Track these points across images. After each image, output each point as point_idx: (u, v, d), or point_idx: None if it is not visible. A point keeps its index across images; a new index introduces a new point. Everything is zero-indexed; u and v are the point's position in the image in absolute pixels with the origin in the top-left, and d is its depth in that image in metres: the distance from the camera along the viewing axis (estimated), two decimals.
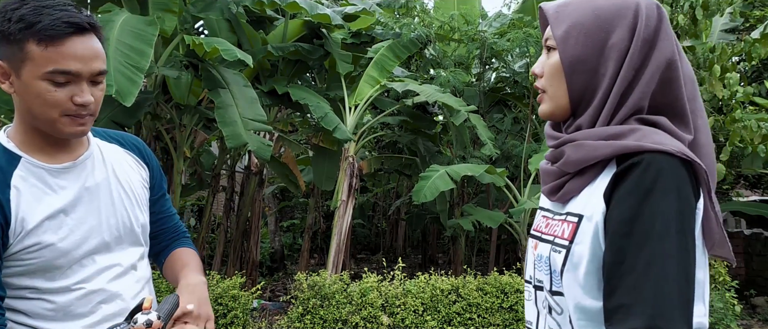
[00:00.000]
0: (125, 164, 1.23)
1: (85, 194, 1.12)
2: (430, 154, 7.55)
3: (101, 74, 1.07)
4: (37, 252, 1.04)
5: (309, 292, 4.56)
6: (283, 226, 10.62)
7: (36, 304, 1.06)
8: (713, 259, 5.17)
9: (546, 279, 0.92)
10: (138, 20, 4.27)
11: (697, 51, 4.99)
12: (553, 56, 0.93)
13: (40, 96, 1.01)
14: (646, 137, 0.84)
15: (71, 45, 1.01)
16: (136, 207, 1.21)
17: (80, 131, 1.07)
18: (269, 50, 5.78)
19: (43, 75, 1.00)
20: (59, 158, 1.10)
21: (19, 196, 1.03)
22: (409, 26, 6.48)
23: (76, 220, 1.09)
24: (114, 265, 1.15)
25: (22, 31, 0.98)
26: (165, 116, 5.69)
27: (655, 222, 0.78)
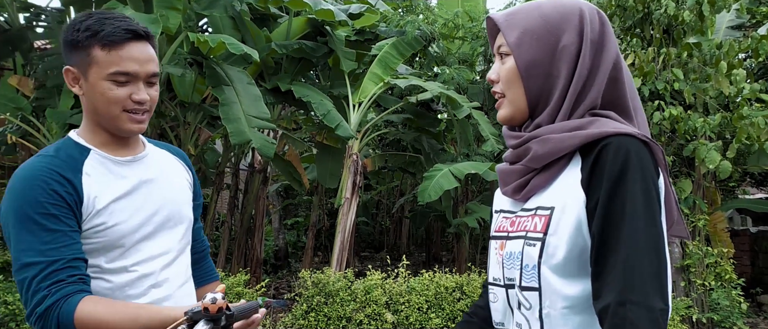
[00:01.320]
0: (174, 167, 1.38)
1: (143, 186, 1.26)
2: (433, 152, 7.54)
3: (155, 76, 1.22)
4: (103, 231, 1.17)
5: (313, 290, 4.56)
6: (287, 224, 10.63)
7: (96, 283, 1.17)
8: (719, 257, 5.14)
9: (517, 275, 0.93)
10: (141, 18, 4.27)
11: (703, 48, 4.96)
12: (508, 62, 0.97)
13: (104, 95, 1.16)
14: (606, 124, 0.89)
15: (129, 49, 1.17)
16: (184, 203, 1.35)
17: (138, 128, 1.22)
18: (273, 48, 5.78)
19: (106, 76, 1.16)
20: (121, 153, 1.25)
21: (90, 180, 1.18)
22: (413, 24, 6.47)
23: (136, 206, 1.23)
24: (166, 252, 1.27)
25: (88, 38, 1.15)
26: (169, 113, 5.70)
27: (627, 201, 0.82)
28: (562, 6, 0.95)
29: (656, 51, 4.94)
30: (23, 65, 5.86)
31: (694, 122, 4.70)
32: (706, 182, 5.47)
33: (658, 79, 4.95)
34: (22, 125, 5.17)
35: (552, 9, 0.95)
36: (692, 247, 5.06)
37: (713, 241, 5.50)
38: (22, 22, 5.66)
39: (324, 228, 9.63)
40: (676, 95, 5.07)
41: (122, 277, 1.19)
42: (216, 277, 1.54)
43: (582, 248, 0.87)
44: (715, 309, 5.01)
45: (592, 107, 0.93)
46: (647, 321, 0.77)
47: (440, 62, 7.48)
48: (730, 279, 5.05)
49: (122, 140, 1.25)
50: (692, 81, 4.90)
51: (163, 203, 1.28)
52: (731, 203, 6.64)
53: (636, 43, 5.09)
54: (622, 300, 0.79)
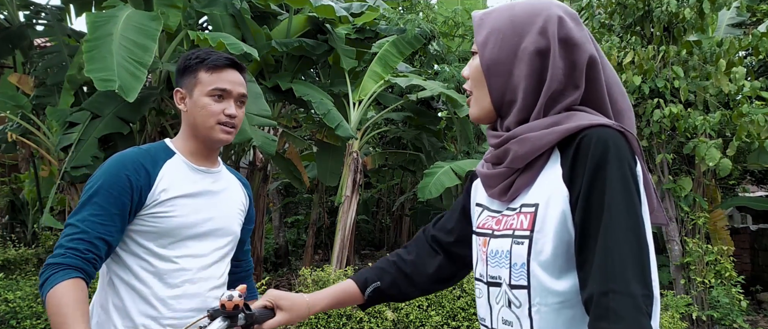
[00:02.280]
0: (236, 189, 1.59)
1: (208, 194, 1.48)
2: (434, 150, 7.54)
3: (244, 97, 1.49)
4: (161, 218, 1.38)
5: (314, 287, 4.56)
6: (287, 222, 10.64)
7: (141, 264, 1.38)
8: (719, 255, 5.14)
9: (505, 273, 0.94)
10: (142, 16, 4.27)
11: (703, 45, 4.95)
12: (475, 60, 0.98)
13: (204, 108, 1.43)
14: (582, 118, 0.90)
15: (227, 74, 1.45)
16: (235, 221, 1.55)
17: (226, 138, 1.45)
18: (273, 46, 5.77)
19: (207, 92, 1.43)
20: (201, 164, 1.49)
21: (165, 174, 1.41)
22: (414, 22, 6.46)
23: (195, 208, 1.43)
24: (207, 255, 1.45)
25: (197, 64, 1.45)
26: (170, 111, 5.70)
27: (606, 191, 0.83)
28: (532, 7, 0.95)
29: (656, 49, 4.93)
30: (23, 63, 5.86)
31: (694, 120, 4.70)
32: (706, 180, 5.47)
33: (658, 77, 4.95)
34: (22, 123, 5.17)
35: (521, 10, 0.96)
36: (692, 245, 5.07)
37: (713, 239, 5.50)
38: (22, 20, 5.66)
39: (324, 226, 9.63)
40: (676, 92, 5.06)
41: (165, 265, 1.38)
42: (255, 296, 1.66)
43: (568, 243, 0.88)
44: (715, 306, 5.02)
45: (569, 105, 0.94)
46: (630, 309, 0.78)
47: (440, 60, 7.48)
48: (730, 276, 5.06)
49: (206, 153, 1.50)
50: (692, 79, 4.90)
51: (219, 214, 1.48)
52: (731, 201, 6.65)
53: (636, 41, 5.09)
54: (604, 289, 0.80)
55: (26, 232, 7.24)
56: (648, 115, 4.98)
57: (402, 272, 1.22)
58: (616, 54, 4.92)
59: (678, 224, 5.27)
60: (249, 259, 1.71)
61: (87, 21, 4.09)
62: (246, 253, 1.69)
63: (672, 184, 5.18)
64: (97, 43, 3.85)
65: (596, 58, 0.94)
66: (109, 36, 3.90)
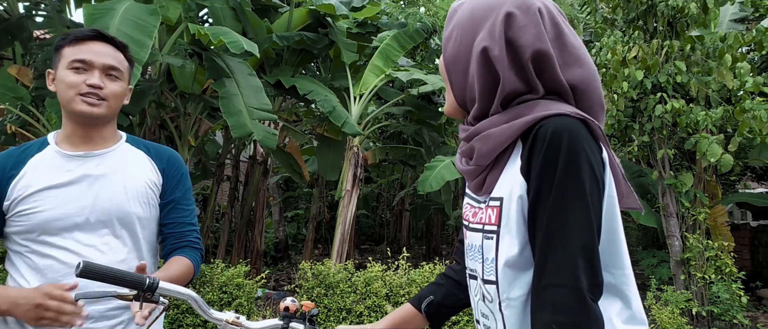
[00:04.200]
0: (139, 165, 1.46)
1: (84, 180, 1.36)
2: (434, 144, 7.52)
3: (114, 69, 1.38)
4: (26, 216, 1.31)
5: (313, 281, 4.56)
6: (288, 216, 10.63)
7: (23, 260, 1.33)
8: (720, 251, 5.14)
9: (479, 267, 0.93)
10: (140, 9, 4.23)
11: (705, 41, 4.93)
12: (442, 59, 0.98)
13: (63, 80, 1.34)
14: (543, 107, 0.88)
15: (91, 45, 1.37)
16: (130, 201, 1.40)
17: (89, 111, 1.34)
18: (274, 40, 5.75)
19: (67, 65, 1.35)
20: (79, 148, 1.39)
21: (28, 169, 1.34)
22: (415, 16, 6.43)
23: (69, 197, 1.33)
24: (92, 244, 1.35)
25: (62, 40, 1.37)
26: (169, 104, 5.68)
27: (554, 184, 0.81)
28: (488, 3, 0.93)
29: (660, 44, 4.91)
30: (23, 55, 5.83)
31: (696, 115, 4.68)
32: (707, 176, 5.46)
33: (661, 72, 4.93)
34: (22, 114, 5.15)
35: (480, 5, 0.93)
36: (693, 240, 5.06)
37: (713, 235, 5.50)
38: (22, 11, 5.63)
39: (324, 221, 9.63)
40: (678, 88, 5.04)
41: (44, 261, 1.31)
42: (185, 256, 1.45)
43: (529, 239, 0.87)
44: (715, 302, 5.02)
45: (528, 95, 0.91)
46: (570, 301, 0.77)
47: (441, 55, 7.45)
48: (731, 272, 5.05)
49: (85, 134, 1.39)
50: (695, 74, 4.87)
51: (105, 199, 1.37)
52: (732, 197, 6.64)
53: (638, 36, 5.06)
54: (545, 283, 0.79)
55: None
56: (650, 110, 4.97)
57: (453, 281, 1.21)
58: (619, 48, 4.90)
59: (678, 220, 5.26)
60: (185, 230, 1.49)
61: (84, 14, 4.05)
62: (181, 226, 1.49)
63: (673, 180, 5.17)
64: None
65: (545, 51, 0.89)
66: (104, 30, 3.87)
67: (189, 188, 1.55)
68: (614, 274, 0.88)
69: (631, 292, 0.89)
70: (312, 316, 1.10)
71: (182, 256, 1.46)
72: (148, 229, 1.45)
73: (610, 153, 0.90)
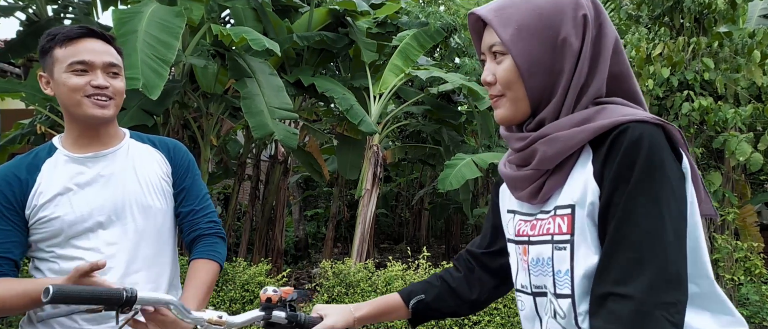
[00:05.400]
0: (149, 159, 1.46)
1: (99, 180, 1.37)
2: (454, 143, 7.49)
3: (114, 66, 1.34)
4: (49, 222, 1.31)
5: (334, 280, 4.58)
6: (307, 215, 10.70)
7: (50, 265, 1.34)
8: (749, 252, 5.02)
9: (549, 281, 0.89)
10: (166, 11, 4.30)
11: (734, 37, 4.81)
12: (505, 61, 0.90)
13: (65, 85, 1.30)
14: (615, 112, 0.84)
15: (84, 43, 1.31)
16: (147, 194, 1.42)
17: (101, 113, 1.32)
18: (294, 39, 5.78)
19: (65, 69, 1.30)
20: (87, 150, 1.38)
21: (43, 177, 1.34)
22: (435, 15, 6.40)
23: (83, 199, 1.34)
24: (115, 242, 1.36)
25: (49, 42, 1.32)
26: (192, 104, 5.75)
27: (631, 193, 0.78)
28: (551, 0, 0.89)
29: (686, 40, 4.81)
30: None
31: (724, 113, 4.57)
32: (735, 175, 5.33)
33: (688, 69, 4.82)
34: (51, 115, 5.27)
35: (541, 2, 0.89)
36: (721, 241, 4.95)
37: (742, 235, 5.37)
38: (50, 14, 5.76)
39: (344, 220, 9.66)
40: (705, 85, 4.93)
41: (70, 263, 1.29)
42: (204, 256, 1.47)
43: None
44: (744, 304, 4.90)
45: (597, 96, 0.89)
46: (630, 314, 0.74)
47: (461, 53, 7.41)
48: (760, 274, 4.93)
49: (92, 135, 1.37)
50: (723, 71, 4.76)
51: (122, 196, 1.38)
52: (761, 197, 6.47)
53: (664, 33, 4.96)
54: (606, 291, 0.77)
55: None
56: (676, 108, 4.87)
57: (448, 286, 1.18)
58: (644, 46, 4.81)
59: (706, 220, 5.16)
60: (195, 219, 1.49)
61: (113, 17, 4.14)
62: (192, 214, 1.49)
63: None
64: (123, 39, 3.89)
65: (621, 44, 0.90)
66: (133, 33, 3.94)
67: (198, 174, 1.56)
68: (699, 284, 0.85)
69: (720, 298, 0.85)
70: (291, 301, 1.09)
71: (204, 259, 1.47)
72: (167, 220, 1.47)
73: (690, 159, 0.86)
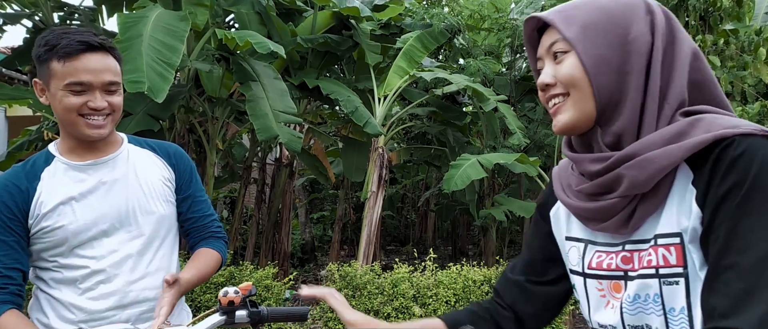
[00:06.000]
0: (150, 164, 1.43)
1: (101, 187, 1.35)
2: (459, 145, 7.48)
3: (113, 84, 1.29)
4: (50, 232, 1.29)
5: (340, 283, 4.58)
6: (313, 218, 10.71)
7: (52, 274, 1.32)
8: None
9: (657, 321, 0.80)
10: (170, 16, 4.33)
11: (740, 34, 4.79)
12: (568, 60, 0.83)
13: (61, 103, 1.26)
14: (715, 123, 0.75)
15: (84, 60, 1.24)
16: (150, 200, 1.40)
17: (96, 133, 1.29)
18: (299, 42, 5.80)
19: (63, 87, 1.25)
20: (86, 157, 1.35)
21: (43, 186, 1.31)
22: (439, 16, 6.40)
23: (86, 207, 1.32)
24: (118, 250, 1.35)
25: (47, 52, 1.24)
26: (198, 108, 5.78)
27: (745, 219, 0.70)
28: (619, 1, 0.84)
29: (692, 38, 4.79)
30: None
31: None
32: None
33: None
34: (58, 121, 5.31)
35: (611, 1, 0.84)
36: None
37: None
38: (57, 20, 5.80)
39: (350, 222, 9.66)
40: None
41: (74, 272, 1.31)
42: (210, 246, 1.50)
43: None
44: None
45: (680, 105, 0.80)
46: None
47: (466, 54, 7.41)
48: None
49: (89, 145, 1.35)
50: (730, 69, 4.74)
51: (122, 203, 1.36)
52: None
53: None
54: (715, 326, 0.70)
55: None
56: None
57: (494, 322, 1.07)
58: None
59: None
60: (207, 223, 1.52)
61: (118, 22, 4.17)
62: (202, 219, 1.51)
63: None
64: (128, 44, 3.92)
65: (698, 49, 0.83)
66: (139, 37, 3.96)
67: (199, 179, 1.55)
68: None
69: None
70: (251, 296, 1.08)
71: (208, 247, 1.49)
72: (170, 225, 1.45)
73: None
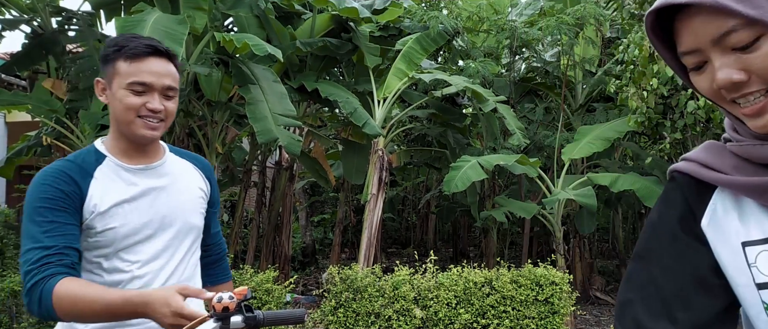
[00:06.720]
0: (190, 177, 1.48)
1: (151, 193, 1.37)
2: (459, 146, 7.48)
3: (171, 89, 1.35)
4: (101, 232, 1.29)
5: (341, 285, 4.57)
6: (314, 221, 10.70)
7: (92, 277, 1.31)
8: None
9: None
10: (169, 19, 4.33)
11: None
12: (763, 43, 0.64)
13: (122, 101, 1.30)
14: None
15: (148, 63, 1.31)
16: (192, 212, 1.44)
17: (150, 134, 1.33)
18: (298, 46, 5.80)
19: (125, 85, 1.30)
20: (137, 161, 1.38)
21: (97, 184, 1.31)
22: (437, 18, 6.41)
23: (138, 211, 1.34)
24: (161, 257, 1.36)
25: (115, 52, 1.31)
26: (197, 112, 5.78)
27: None
28: None
29: None
30: (56, 68, 6.01)
31: None
32: None
33: None
34: (57, 126, 5.31)
35: None
36: None
37: None
38: (55, 26, 5.80)
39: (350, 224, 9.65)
40: None
41: (115, 276, 1.31)
42: (228, 278, 1.66)
43: None
44: None
45: None
46: None
47: (465, 56, 7.41)
48: None
49: (140, 148, 1.37)
50: None
51: (168, 211, 1.38)
52: None
53: None
54: None
55: None
56: (682, 106, 4.84)
57: None
58: (647, 44, 4.79)
59: None
60: (219, 241, 1.63)
61: (116, 26, 4.17)
62: (214, 236, 1.61)
63: None
64: None
65: None
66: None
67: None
68: None
69: None
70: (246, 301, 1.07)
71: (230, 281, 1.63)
72: (198, 236, 1.49)
73: None
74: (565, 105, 7.03)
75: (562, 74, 6.91)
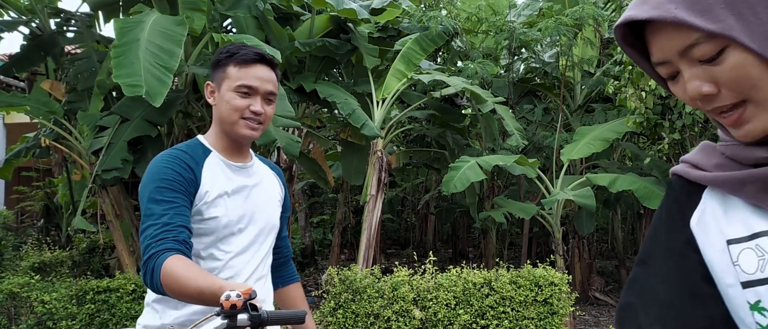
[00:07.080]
0: (271, 180, 1.63)
1: (246, 190, 1.50)
2: (458, 147, 7.48)
3: (272, 94, 1.49)
4: (206, 219, 1.41)
5: (340, 286, 4.56)
6: (313, 222, 10.69)
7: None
8: None
9: None
10: (168, 20, 4.33)
11: None
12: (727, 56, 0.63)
13: (229, 103, 1.44)
14: None
15: (255, 69, 1.45)
16: (272, 211, 1.57)
17: (251, 135, 1.46)
18: (296, 46, 5.80)
19: (234, 88, 1.44)
20: (236, 159, 1.52)
21: (208, 174, 1.44)
22: (436, 19, 6.41)
23: (236, 205, 1.46)
24: (249, 250, 1.48)
25: (227, 58, 1.46)
26: (196, 114, 5.77)
27: None
28: None
29: None
30: (55, 70, 6.01)
31: None
32: None
33: None
34: (55, 128, 5.30)
35: None
36: None
37: None
38: (53, 27, 5.80)
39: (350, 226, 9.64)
40: None
41: (209, 263, 1.42)
42: (296, 279, 1.78)
43: None
44: None
45: None
46: None
47: (464, 57, 7.41)
48: None
49: (238, 148, 1.52)
50: None
51: (258, 208, 1.51)
52: None
53: None
54: None
55: (61, 235, 7.44)
56: (680, 107, 4.85)
57: None
58: None
59: None
60: (287, 245, 1.76)
61: (115, 27, 4.16)
62: (284, 239, 1.73)
63: None
64: (125, 48, 3.92)
65: None
66: (136, 41, 3.96)
67: None
68: None
69: None
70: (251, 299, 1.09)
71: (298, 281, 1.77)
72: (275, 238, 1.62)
73: None
74: (564, 106, 7.03)
75: (561, 75, 6.92)
